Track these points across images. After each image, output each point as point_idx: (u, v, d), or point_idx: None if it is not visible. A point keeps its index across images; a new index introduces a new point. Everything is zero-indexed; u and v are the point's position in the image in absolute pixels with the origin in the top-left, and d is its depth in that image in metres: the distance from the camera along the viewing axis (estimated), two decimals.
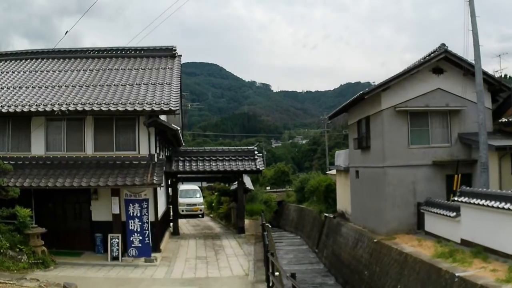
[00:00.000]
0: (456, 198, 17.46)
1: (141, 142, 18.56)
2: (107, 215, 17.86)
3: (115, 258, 17.31)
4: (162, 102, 18.05)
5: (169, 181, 26.20)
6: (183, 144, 27.92)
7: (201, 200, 38.39)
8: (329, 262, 29.41)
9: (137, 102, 18.21)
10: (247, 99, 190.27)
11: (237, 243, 22.72)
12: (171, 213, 26.46)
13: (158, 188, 18.39)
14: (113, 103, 18.13)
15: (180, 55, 24.61)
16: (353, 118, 26.98)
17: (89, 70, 22.93)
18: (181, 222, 32.09)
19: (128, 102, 18.24)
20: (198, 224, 32.32)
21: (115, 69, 22.84)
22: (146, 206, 17.65)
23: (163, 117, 19.83)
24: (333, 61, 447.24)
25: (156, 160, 18.40)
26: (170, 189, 26.73)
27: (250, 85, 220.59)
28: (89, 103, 18.23)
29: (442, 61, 21.97)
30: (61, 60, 24.69)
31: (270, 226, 21.80)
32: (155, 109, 17.60)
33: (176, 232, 25.52)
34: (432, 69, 22.08)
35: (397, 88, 21.83)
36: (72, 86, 20.70)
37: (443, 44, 22.15)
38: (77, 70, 22.95)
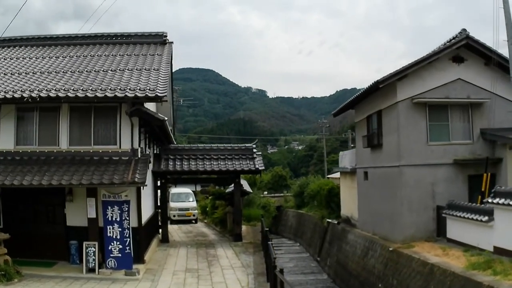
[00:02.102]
0: (489, 200, 15.11)
1: (123, 135, 15.94)
2: (84, 219, 15.14)
3: (91, 270, 14.60)
4: (148, 88, 15.55)
5: (158, 182, 23.54)
6: (174, 142, 25.23)
7: (194, 204, 35.62)
8: (333, 272, 26.97)
9: (118, 88, 15.70)
10: (243, 105, 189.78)
11: (233, 253, 19.94)
12: (160, 218, 23.73)
13: (142, 188, 15.71)
14: (91, 89, 15.60)
15: (172, 42, 22.07)
16: (362, 114, 24.61)
17: (69, 56, 20.40)
18: (172, 228, 29.54)
19: (109, 88, 15.73)
20: (191, 231, 29.51)
21: (97, 55, 20.36)
22: (127, 209, 14.96)
23: (152, 109, 17.37)
24: (329, 67, 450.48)
25: (139, 156, 15.77)
26: (159, 191, 23.91)
27: (246, 91, 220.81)
28: (64, 89, 15.71)
29: (463, 48, 19.89)
30: (40, 47, 22.16)
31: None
32: (139, 95, 15.06)
33: (165, 240, 22.77)
34: (452, 57, 19.98)
35: (414, 78, 19.68)
36: (48, 72, 18.18)
37: (464, 30, 20.05)
38: (55, 57, 20.42)
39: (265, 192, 51.92)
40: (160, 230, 23.38)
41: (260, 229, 23.34)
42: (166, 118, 15.74)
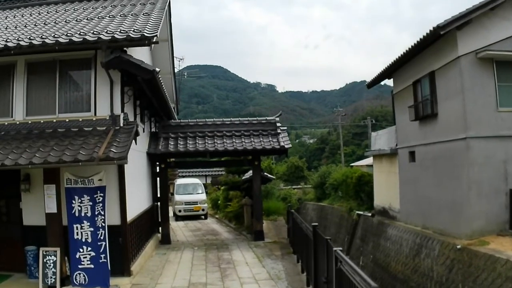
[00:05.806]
0: None
1: (100, 97, 11.50)
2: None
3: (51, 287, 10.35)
4: (132, 30, 11.18)
5: (157, 167, 18.96)
6: (176, 117, 20.63)
7: (203, 196, 31.15)
8: (369, 275, 22.51)
9: (91, 32, 11.38)
10: (252, 100, 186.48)
11: (255, 257, 15.09)
12: (159, 213, 19.08)
13: (127, 170, 11.32)
14: (53, 36, 11.27)
15: None
16: (404, 81, 20.11)
17: (38, 13, 16.16)
18: (177, 225, 25.25)
19: (78, 33, 11.40)
20: (199, 228, 24.97)
21: (74, 9, 16.06)
22: (101, 199, 10.51)
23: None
24: (336, 61, 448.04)
25: (122, 125, 11.37)
26: (158, 179, 19.37)
27: (255, 86, 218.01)
28: (17, 39, 11.43)
29: None
30: (7, 10, 17.88)
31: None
32: (118, 37, 10.63)
33: (166, 240, 18.19)
34: None
35: (477, 26, 15.26)
36: (4, 28, 13.91)
37: None
38: (21, 15, 16.16)
39: (281, 185, 47.66)
40: (160, 229, 18.87)
41: (284, 224, 18.85)
42: (157, 69, 11.22)
